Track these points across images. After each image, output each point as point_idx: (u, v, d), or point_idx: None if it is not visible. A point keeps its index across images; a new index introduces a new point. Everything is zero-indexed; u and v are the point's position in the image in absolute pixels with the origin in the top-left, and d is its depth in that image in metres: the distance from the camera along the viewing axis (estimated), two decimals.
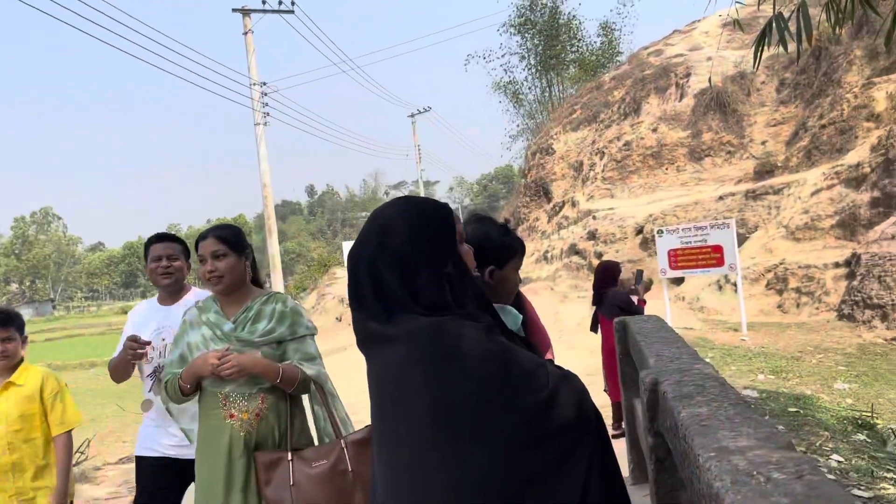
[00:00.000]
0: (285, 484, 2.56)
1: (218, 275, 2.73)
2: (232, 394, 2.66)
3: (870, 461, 4.52)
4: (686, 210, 17.82)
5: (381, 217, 1.58)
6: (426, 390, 1.40)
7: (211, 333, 2.73)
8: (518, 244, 1.94)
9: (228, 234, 2.81)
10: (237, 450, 2.63)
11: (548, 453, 1.39)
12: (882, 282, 11.15)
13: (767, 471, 0.94)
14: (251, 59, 19.86)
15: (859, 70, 16.59)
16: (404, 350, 1.43)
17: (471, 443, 1.37)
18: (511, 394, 1.38)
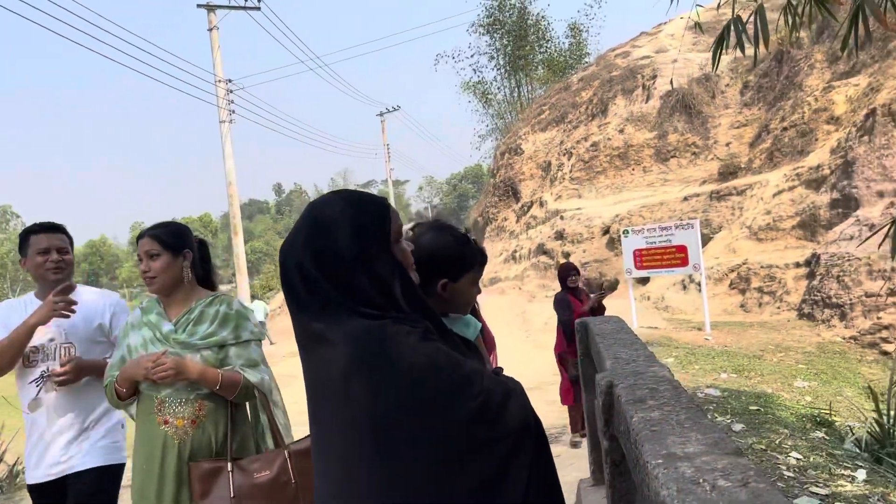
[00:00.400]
0: (225, 495, 2.44)
1: (151, 275, 2.63)
2: (168, 399, 2.55)
3: (828, 458, 4.60)
4: (652, 210, 18.03)
5: (313, 212, 1.50)
6: (359, 397, 1.34)
7: (151, 335, 2.62)
8: (476, 256, 1.83)
9: (164, 233, 2.69)
10: (170, 458, 2.52)
11: (487, 462, 1.34)
12: (840, 281, 11.38)
13: (713, 478, 0.92)
14: (216, 55, 19.60)
15: (820, 74, 16.93)
16: (337, 354, 1.36)
17: (407, 452, 1.32)
18: (446, 401, 1.33)
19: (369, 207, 1.48)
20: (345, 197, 1.51)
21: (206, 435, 2.56)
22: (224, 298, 2.75)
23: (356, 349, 1.35)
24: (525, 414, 1.43)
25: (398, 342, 1.34)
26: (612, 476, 1.66)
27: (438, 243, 1.79)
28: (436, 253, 1.76)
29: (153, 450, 2.54)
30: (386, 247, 1.46)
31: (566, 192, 22.42)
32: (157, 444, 2.53)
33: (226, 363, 2.63)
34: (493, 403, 1.38)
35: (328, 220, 1.45)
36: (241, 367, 2.62)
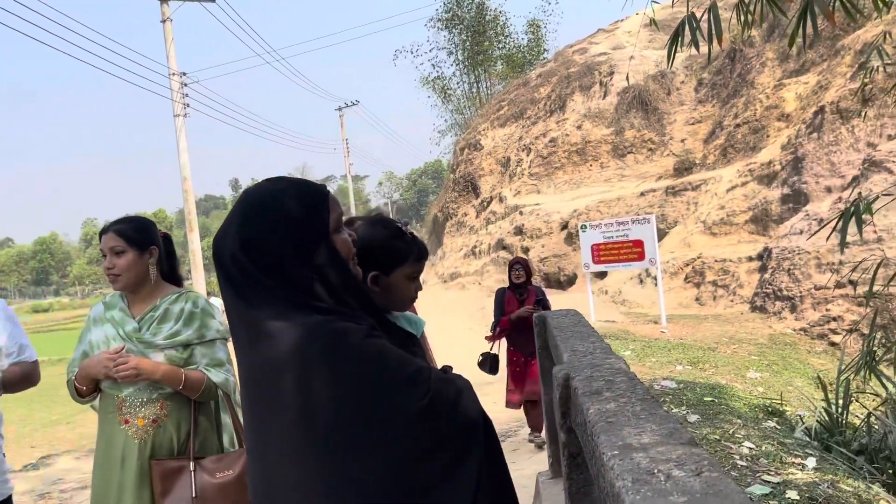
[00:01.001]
0: (186, 495, 2.41)
1: (115, 272, 2.56)
2: (129, 398, 2.50)
3: (779, 447, 4.70)
4: (609, 206, 18.25)
5: (246, 199, 1.41)
6: (298, 395, 1.27)
7: (114, 332, 2.56)
8: (410, 250, 1.76)
9: (130, 228, 2.61)
10: (130, 458, 2.48)
11: (437, 461, 1.31)
12: (791, 275, 11.67)
13: (668, 468, 0.93)
14: (170, 48, 19.20)
15: (771, 72, 17.33)
16: (281, 349, 1.28)
17: (355, 451, 1.27)
18: (390, 401, 1.29)
19: (307, 195, 1.40)
20: (279, 185, 1.41)
21: (168, 434, 2.52)
22: (190, 296, 2.70)
23: (302, 345, 1.28)
24: (475, 412, 1.40)
25: (345, 339, 1.29)
26: (569, 468, 1.66)
27: (369, 235, 1.73)
28: (366, 245, 1.69)
29: (114, 449, 2.50)
30: (325, 237, 1.38)
31: (525, 187, 22.56)
32: (118, 443, 2.50)
33: (190, 362, 2.58)
34: (442, 402, 1.34)
35: (262, 209, 1.37)
36: (206, 367, 2.58)
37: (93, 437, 2.73)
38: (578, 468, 1.64)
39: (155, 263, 2.64)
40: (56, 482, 6.50)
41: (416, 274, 1.78)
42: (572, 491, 1.65)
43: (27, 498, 5.94)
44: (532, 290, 6.19)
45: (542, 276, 19.36)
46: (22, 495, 6.04)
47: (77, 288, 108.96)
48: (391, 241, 1.74)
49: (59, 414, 11.62)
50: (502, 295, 6.24)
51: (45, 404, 12.64)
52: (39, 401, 13.33)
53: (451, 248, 26.14)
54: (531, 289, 6.22)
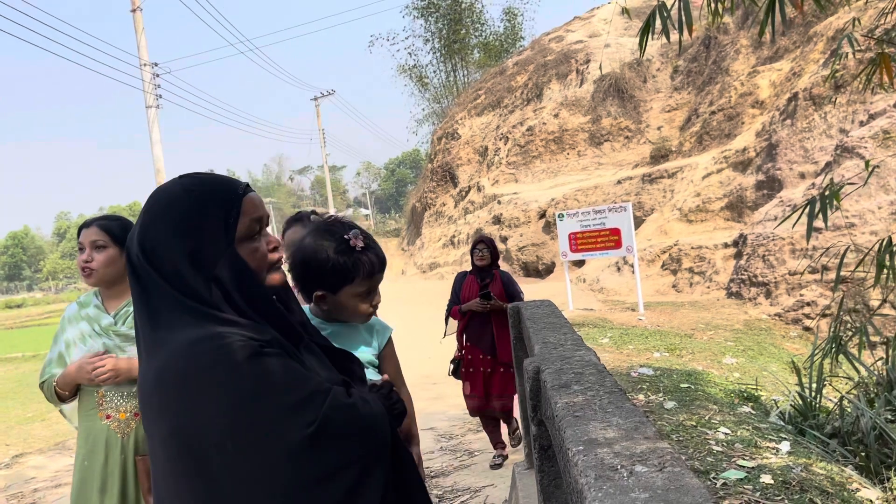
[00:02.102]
0: None
1: (92, 266, 2.56)
2: (109, 392, 2.51)
3: (754, 432, 4.75)
4: (586, 194, 18.32)
5: (149, 200, 1.31)
6: (167, 416, 1.18)
7: (89, 329, 2.57)
8: (357, 268, 1.61)
9: (117, 226, 2.63)
10: (113, 453, 2.48)
11: (326, 492, 1.20)
12: (766, 261, 11.80)
13: (631, 463, 0.92)
14: (140, 38, 18.90)
15: (745, 59, 17.45)
16: (158, 363, 1.20)
17: (232, 480, 1.16)
18: (269, 428, 1.16)
19: (210, 198, 1.27)
20: (185, 184, 1.30)
21: None
22: None
23: (177, 361, 1.18)
24: (377, 441, 1.29)
25: (220, 355, 1.17)
26: (540, 461, 1.66)
27: (310, 252, 1.62)
28: (307, 262, 1.61)
29: (96, 445, 2.50)
30: (228, 245, 1.26)
31: (503, 176, 22.57)
32: (100, 439, 2.50)
33: None
34: (331, 431, 1.21)
35: (161, 211, 1.27)
36: None
37: (67, 435, 2.70)
38: (549, 460, 1.64)
39: None
40: (28, 480, 6.41)
41: (368, 291, 1.66)
42: (544, 483, 1.64)
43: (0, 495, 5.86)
44: (498, 276, 5.14)
45: (520, 265, 19.41)
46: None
47: (51, 283, 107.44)
48: (336, 256, 1.61)
49: (33, 411, 11.46)
50: (461, 279, 5.26)
51: (21, 401, 12.46)
52: (14, 398, 13.14)
53: (429, 239, 26.10)
54: (496, 273, 5.15)
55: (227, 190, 1.30)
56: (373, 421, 1.30)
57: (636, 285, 11.79)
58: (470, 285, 5.15)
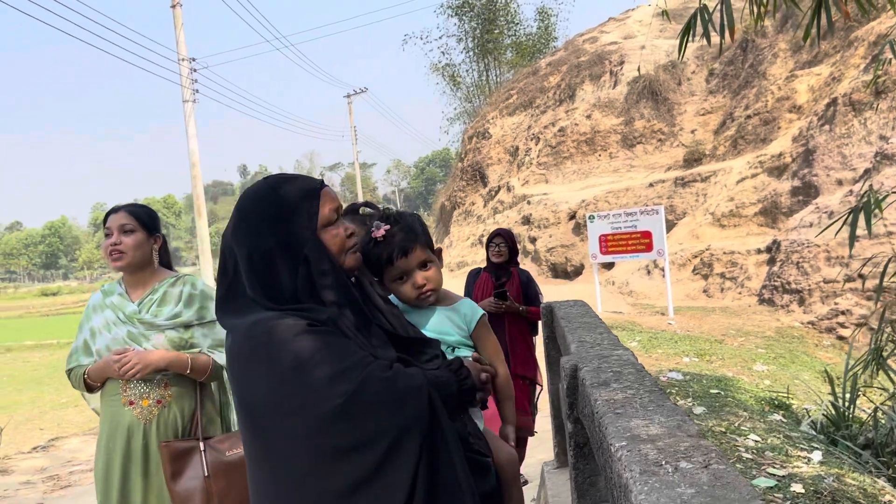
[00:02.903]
0: (198, 475, 2.43)
1: (121, 249, 2.57)
2: (133, 380, 2.53)
3: (785, 440, 4.70)
4: (617, 196, 18.19)
5: (242, 197, 1.50)
6: (236, 388, 1.40)
7: (114, 317, 2.60)
8: (379, 256, 1.71)
9: (142, 211, 2.68)
10: (135, 439, 2.52)
11: (360, 463, 1.31)
12: (800, 268, 11.62)
13: (676, 460, 0.93)
14: (179, 33, 19.18)
15: (783, 63, 17.19)
16: (228, 345, 1.43)
17: (278, 446, 1.34)
18: (303, 400, 1.31)
19: (295, 192, 1.46)
20: (272, 183, 1.50)
21: (173, 415, 2.56)
22: (188, 279, 2.74)
23: (240, 341, 1.39)
24: (411, 414, 1.36)
25: (274, 334, 1.34)
26: (575, 458, 1.67)
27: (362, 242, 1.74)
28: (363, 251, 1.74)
29: (119, 430, 2.53)
30: (309, 234, 1.43)
31: (533, 176, 22.50)
32: (123, 424, 2.52)
33: (192, 343, 2.61)
34: (362, 402, 1.32)
35: (253, 207, 1.46)
36: (209, 349, 2.62)
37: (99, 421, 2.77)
38: (585, 458, 1.65)
39: (158, 251, 2.71)
40: (65, 464, 6.56)
41: (401, 274, 1.72)
42: (579, 481, 1.65)
43: (36, 478, 6.01)
44: (516, 274, 4.61)
45: (548, 266, 19.35)
46: (31, 475, 6.11)
47: (86, 272, 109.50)
48: (365, 248, 1.72)
49: (67, 397, 11.70)
50: (474, 277, 4.75)
51: (55, 387, 12.74)
52: (49, 383, 13.44)
53: (458, 237, 26.12)
54: (514, 271, 4.62)
55: (308, 185, 1.49)
56: (407, 393, 1.37)
57: (666, 289, 11.69)
58: (484, 283, 4.61)
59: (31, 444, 7.99)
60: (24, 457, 6.94)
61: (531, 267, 19.60)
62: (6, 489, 5.68)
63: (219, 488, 2.43)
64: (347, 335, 1.40)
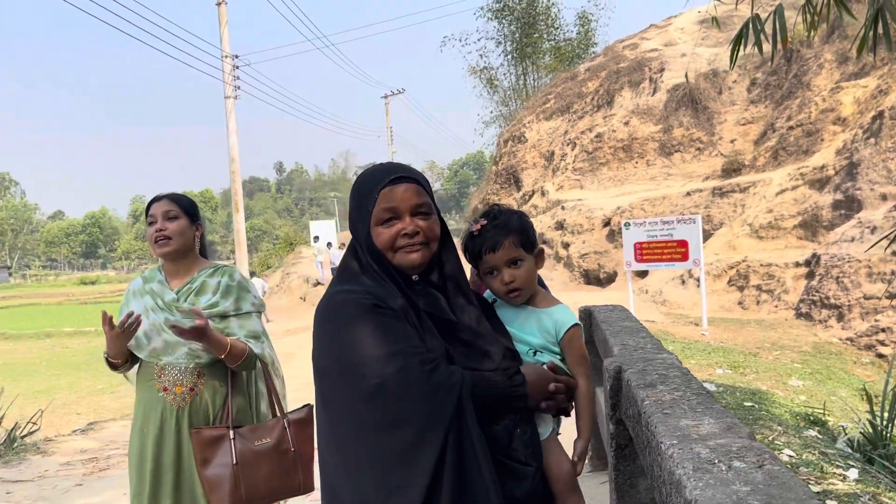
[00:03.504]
0: (227, 462, 2.47)
1: (167, 235, 2.61)
2: (168, 367, 2.59)
3: (820, 457, 4.63)
4: (654, 204, 18.02)
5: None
6: (313, 348, 1.55)
7: (153, 303, 2.64)
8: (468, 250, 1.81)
9: (184, 199, 2.74)
10: (169, 424, 2.57)
11: (383, 445, 1.39)
12: (840, 283, 11.41)
13: (729, 459, 0.94)
14: (223, 30, 19.49)
15: (829, 74, 16.88)
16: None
17: (325, 410, 1.50)
18: (353, 373, 1.42)
19: (362, 187, 1.58)
20: (361, 174, 1.64)
21: (204, 402, 2.61)
22: (226, 269, 2.78)
23: (319, 308, 1.55)
24: (437, 408, 1.40)
25: (344, 308, 1.49)
26: (616, 459, 1.68)
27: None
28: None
29: (152, 416, 2.59)
30: (366, 227, 1.55)
31: (568, 182, 22.39)
32: (157, 409, 2.58)
33: (227, 333, 2.64)
34: (396, 387, 1.39)
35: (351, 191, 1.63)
36: (245, 338, 2.65)
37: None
38: (626, 459, 1.66)
39: (199, 239, 2.76)
40: (104, 447, 6.72)
41: (490, 270, 1.76)
42: (619, 482, 1.66)
43: (76, 460, 6.16)
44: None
45: (581, 272, 19.23)
46: (70, 457, 6.26)
47: (123, 262, 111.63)
48: (464, 242, 1.82)
49: (104, 383, 11.98)
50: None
51: (92, 374, 13.04)
52: (86, 369, 13.76)
53: None
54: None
55: (373, 181, 1.56)
56: (438, 388, 1.41)
57: (701, 299, 11.56)
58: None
59: (69, 427, 8.20)
60: (65, 439, 7.12)
61: (563, 273, 19.51)
62: (46, 469, 5.84)
63: (246, 476, 2.47)
64: (409, 321, 1.48)
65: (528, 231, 1.77)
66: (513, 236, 1.72)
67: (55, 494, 5.13)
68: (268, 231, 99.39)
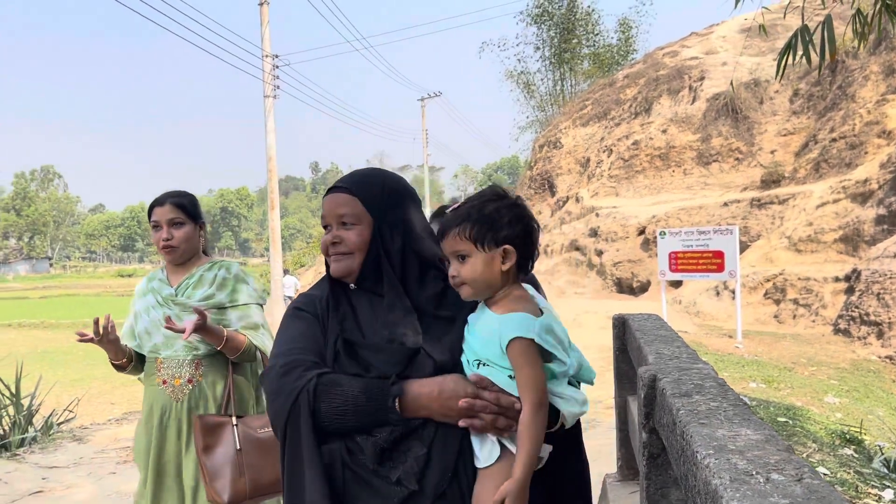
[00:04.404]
0: (229, 449, 2.47)
1: (173, 244, 2.65)
2: (167, 360, 2.65)
3: (855, 476, 4.54)
4: (690, 214, 17.81)
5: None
6: None
7: (153, 300, 2.72)
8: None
9: (188, 202, 2.72)
10: (171, 416, 2.62)
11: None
12: (881, 299, 11.15)
13: (767, 471, 0.93)
14: (265, 30, 19.74)
15: (874, 86, 16.52)
16: None
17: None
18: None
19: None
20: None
21: (204, 394, 2.65)
22: (223, 263, 2.81)
23: None
24: (276, 409, 1.49)
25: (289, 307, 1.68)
26: (648, 469, 1.66)
27: None
28: None
29: (155, 409, 2.65)
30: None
31: (603, 189, 22.23)
32: (159, 403, 2.64)
33: (224, 325, 2.66)
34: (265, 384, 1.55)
35: None
36: (243, 330, 2.68)
37: None
38: (657, 469, 1.65)
39: (203, 238, 2.78)
40: None
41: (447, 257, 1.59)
42: (650, 491, 1.65)
43: (110, 448, 6.28)
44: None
45: (613, 281, 19.07)
46: (106, 445, 6.39)
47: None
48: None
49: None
50: None
51: None
52: None
53: None
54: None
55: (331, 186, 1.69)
56: (281, 390, 1.47)
57: (736, 311, 11.39)
58: None
59: (105, 416, 8.37)
60: (100, 427, 7.27)
61: (595, 280, 19.37)
62: (81, 457, 5.96)
63: (250, 463, 2.46)
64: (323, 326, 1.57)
65: (490, 223, 1.49)
66: (464, 226, 1.50)
67: (89, 481, 5.24)
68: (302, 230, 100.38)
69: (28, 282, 71.51)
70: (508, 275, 1.52)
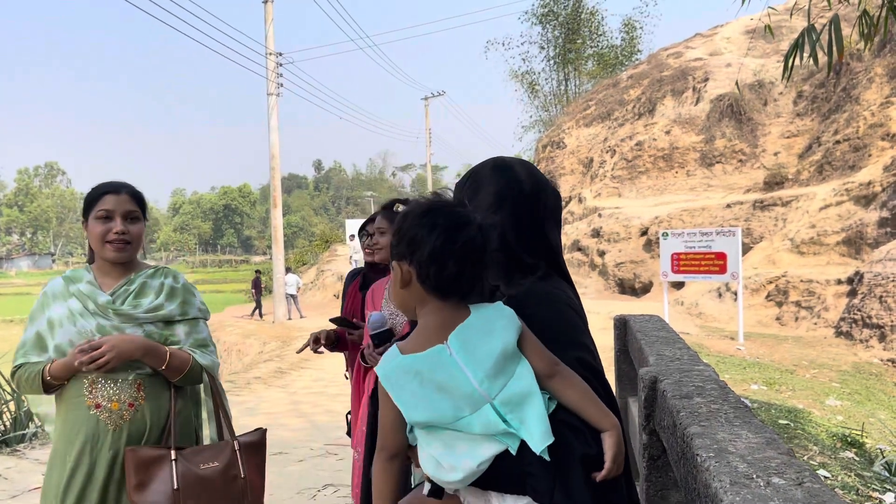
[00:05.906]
0: (166, 489, 2.11)
1: (127, 240, 2.27)
2: (101, 379, 2.15)
3: (857, 479, 4.53)
4: (693, 215, 17.79)
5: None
6: None
7: (80, 307, 2.23)
8: None
9: (142, 195, 2.38)
10: (103, 449, 2.14)
11: None
12: (883, 302, 11.12)
13: (767, 475, 0.92)
14: (269, 28, 19.74)
15: (878, 88, 16.49)
16: None
17: None
18: None
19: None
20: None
21: (144, 421, 2.20)
22: (168, 271, 2.46)
23: None
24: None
25: None
26: (648, 470, 1.66)
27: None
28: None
29: (79, 439, 2.15)
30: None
31: (606, 189, 22.22)
32: (88, 431, 2.15)
33: (171, 341, 2.30)
34: None
35: None
36: (191, 348, 2.32)
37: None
38: (658, 471, 1.64)
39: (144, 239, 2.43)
40: None
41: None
42: (650, 493, 1.64)
43: None
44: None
45: (616, 281, 19.06)
46: None
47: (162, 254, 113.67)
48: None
49: None
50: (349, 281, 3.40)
51: None
52: None
53: None
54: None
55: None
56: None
57: (738, 313, 11.37)
58: (354, 295, 3.22)
59: None
60: None
61: (597, 281, 19.36)
62: None
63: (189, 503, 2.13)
64: None
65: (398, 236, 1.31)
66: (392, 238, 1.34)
67: None
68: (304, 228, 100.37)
69: (31, 278, 71.61)
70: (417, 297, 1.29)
